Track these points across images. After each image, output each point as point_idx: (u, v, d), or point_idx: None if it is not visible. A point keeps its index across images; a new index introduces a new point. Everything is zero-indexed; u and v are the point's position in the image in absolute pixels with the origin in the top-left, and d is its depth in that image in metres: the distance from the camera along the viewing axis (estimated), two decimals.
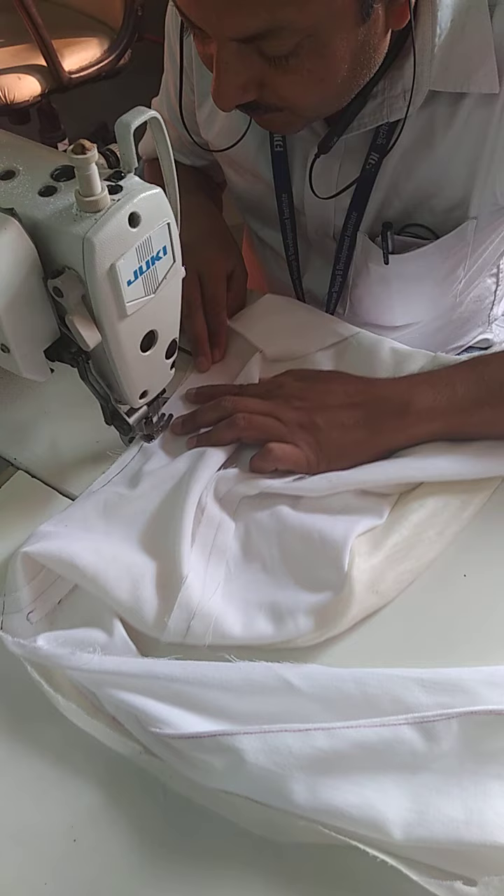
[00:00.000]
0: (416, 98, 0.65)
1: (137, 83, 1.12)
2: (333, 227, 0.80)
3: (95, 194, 0.44)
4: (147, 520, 0.58)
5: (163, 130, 0.47)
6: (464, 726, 0.44)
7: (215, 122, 0.79)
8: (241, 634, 0.51)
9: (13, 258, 0.45)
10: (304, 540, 0.55)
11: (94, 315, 0.48)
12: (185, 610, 0.51)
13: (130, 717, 0.47)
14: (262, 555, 0.56)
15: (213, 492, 0.59)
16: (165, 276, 0.50)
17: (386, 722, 0.45)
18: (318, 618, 0.51)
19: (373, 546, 0.55)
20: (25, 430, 0.68)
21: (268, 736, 0.44)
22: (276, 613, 0.52)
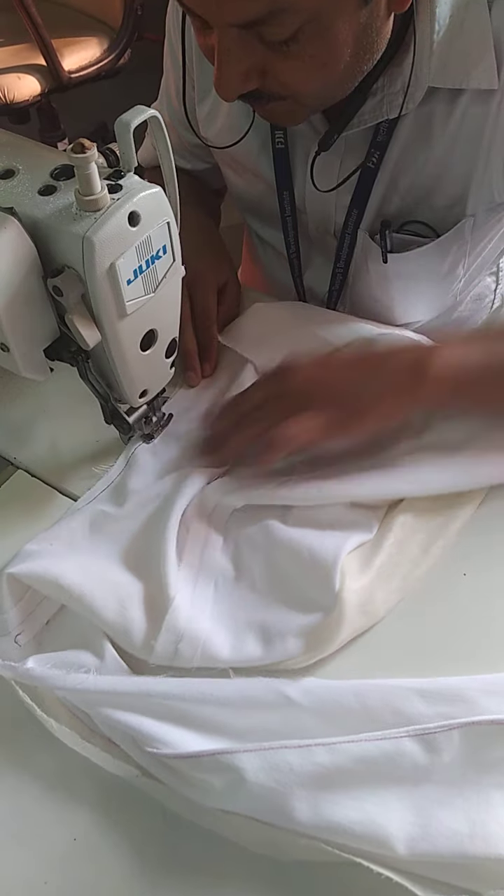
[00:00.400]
0: (415, 94, 0.65)
1: (137, 82, 1.12)
2: (334, 224, 0.80)
3: (95, 193, 0.44)
4: (132, 539, 0.57)
5: (162, 129, 0.47)
6: (465, 737, 0.44)
7: (216, 119, 0.79)
8: (230, 657, 0.50)
9: (13, 257, 0.45)
10: (294, 557, 0.54)
11: (94, 314, 0.48)
12: (173, 633, 0.50)
13: (127, 738, 0.47)
14: (251, 572, 0.55)
15: (199, 507, 0.58)
16: (165, 275, 0.50)
17: (387, 735, 0.44)
18: (309, 640, 0.50)
19: (363, 564, 0.54)
20: (25, 430, 0.68)
21: (268, 753, 0.44)
22: (266, 635, 0.51)
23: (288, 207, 0.81)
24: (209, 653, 0.50)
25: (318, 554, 0.53)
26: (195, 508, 0.58)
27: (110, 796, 0.47)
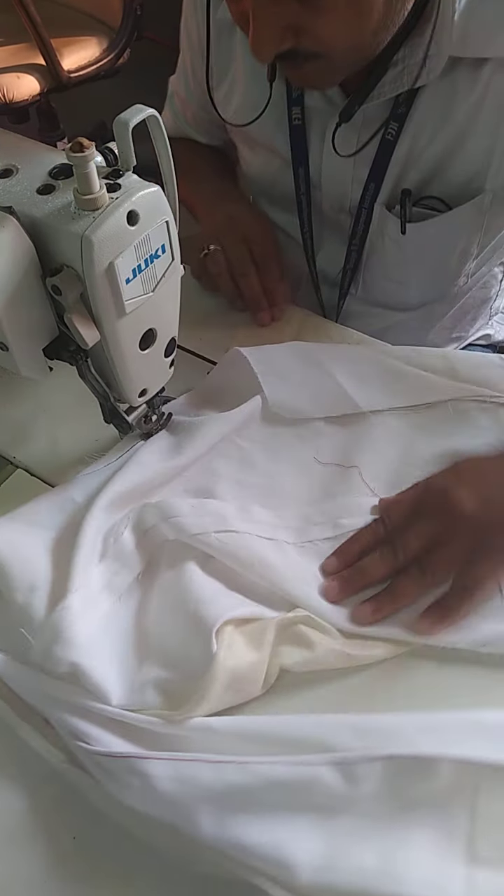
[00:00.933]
0: (436, 63, 0.65)
1: (136, 82, 1.13)
2: (350, 199, 0.80)
3: (94, 192, 0.44)
4: (72, 531, 0.56)
5: (161, 129, 0.47)
6: (387, 769, 0.42)
7: (233, 99, 0.80)
8: (94, 681, 0.47)
9: (11, 256, 0.45)
10: (180, 607, 0.51)
11: (93, 313, 0.48)
12: (52, 630, 0.49)
13: (60, 724, 0.47)
14: (148, 608, 0.53)
15: (136, 523, 0.56)
16: (164, 274, 0.50)
17: (303, 761, 0.43)
18: (168, 697, 0.48)
19: (251, 641, 0.50)
20: (24, 429, 0.68)
21: (179, 764, 0.43)
22: (130, 680, 0.49)
23: (303, 185, 0.82)
24: (78, 663, 0.47)
25: (202, 612, 0.49)
26: (133, 523, 0.56)
27: (110, 795, 0.47)
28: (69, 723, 0.46)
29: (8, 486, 0.64)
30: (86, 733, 0.46)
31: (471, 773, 0.42)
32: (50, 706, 0.48)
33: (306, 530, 0.57)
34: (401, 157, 0.73)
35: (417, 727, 0.44)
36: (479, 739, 0.43)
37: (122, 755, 0.44)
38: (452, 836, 0.42)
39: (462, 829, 0.42)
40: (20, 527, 0.56)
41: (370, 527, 0.56)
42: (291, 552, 0.55)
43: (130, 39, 1.78)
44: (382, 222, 0.79)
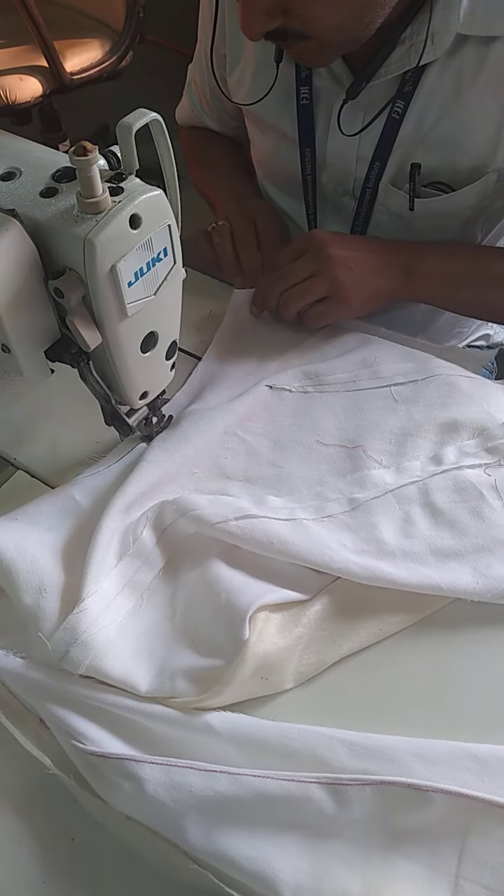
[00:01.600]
0: (442, 40, 0.66)
1: (139, 84, 1.13)
2: (354, 180, 0.81)
3: (96, 196, 0.44)
4: (80, 532, 0.56)
5: (164, 133, 0.47)
6: (379, 796, 0.42)
7: (244, 83, 0.82)
8: (117, 676, 0.48)
9: (14, 259, 0.45)
10: (212, 598, 0.52)
11: (95, 316, 0.48)
12: (70, 633, 0.49)
13: (55, 724, 0.47)
14: (175, 604, 0.54)
15: (154, 521, 0.56)
16: (166, 277, 0.50)
17: (296, 777, 0.43)
18: (198, 684, 0.48)
19: (283, 627, 0.51)
20: (25, 431, 0.68)
21: (172, 770, 0.43)
22: (159, 669, 0.49)
23: (309, 166, 0.83)
24: (96, 665, 0.48)
25: (234, 600, 0.50)
26: (153, 521, 0.56)
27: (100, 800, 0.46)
28: (65, 721, 0.46)
29: (8, 487, 0.64)
30: (81, 732, 0.46)
31: (463, 809, 0.42)
32: (47, 703, 0.48)
33: (323, 507, 0.58)
34: (407, 135, 0.74)
35: (413, 753, 0.44)
36: (473, 774, 0.43)
37: (116, 756, 0.44)
38: (439, 873, 0.41)
39: (449, 867, 0.41)
40: (22, 528, 0.56)
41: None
42: (312, 527, 0.56)
43: (133, 42, 1.79)
44: (388, 200, 0.79)
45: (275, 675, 0.49)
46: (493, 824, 0.42)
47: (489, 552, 0.54)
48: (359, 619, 0.52)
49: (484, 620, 0.53)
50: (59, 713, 0.47)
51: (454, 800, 0.42)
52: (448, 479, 0.59)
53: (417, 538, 0.56)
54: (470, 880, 0.41)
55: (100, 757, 0.45)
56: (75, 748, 0.45)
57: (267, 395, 0.68)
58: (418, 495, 0.58)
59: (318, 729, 0.46)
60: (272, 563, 0.54)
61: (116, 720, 0.47)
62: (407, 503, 0.58)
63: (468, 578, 0.53)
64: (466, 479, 0.59)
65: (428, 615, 0.53)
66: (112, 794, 0.44)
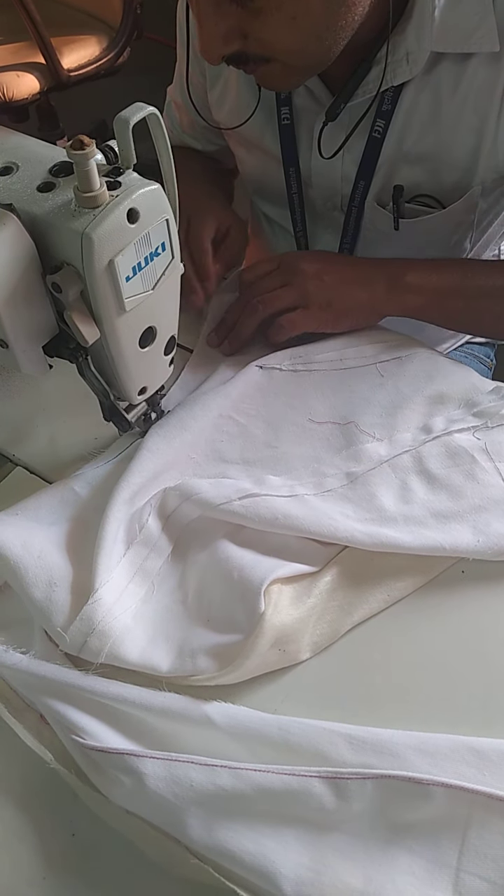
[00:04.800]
0: (417, 59, 0.66)
1: (136, 81, 1.13)
2: (341, 197, 0.80)
3: (94, 190, 0.44)
4: (84, 524, 0.57)
5: (161, 127, 0.47)
6: (379, 790, 0.42)
7: (225, 102, 0.81)
8: (137, 661, 0.49)
9: (12, 254, 0.45)
10: (224, 576, 0.53)
11: (93, 311, 0.48)
12: (87, 624, 0.49)
13: (56, 720, 0.47)
14: (186, 586, 0.54)
15: (159, 508, 0.57)
16: (164, 272, 0.50)
17: (296, 772, 0.43)
18: (220, 661, 0.49)
19: (296, 598, 0.52)
20: (24, 426, 0.68)
21: (173, 764, 0.44)
22: (178, 649, 0.50)
23: (294, 184, 0.82)
24: (116, 652, 0.49)
25: (247, 576, 0.51)
26: (157, 508, 0.57)
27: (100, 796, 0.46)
28: (65, 716, 0.46)
29: (7, 483, 0.64)
30: (81, 727, 0.46)
31: (464, 802, 0.42)
32: (47, 699, 0.48)
33: (322, 483, 0.59)
34: (389, 154, 0.74)
35: (413, 747, 0.44)
36: (474, 768, 0.43)
37: (116, 751, 0.44)
38: (440, 867, 0.41)
39: (450, 860, 0.41)
40: (26, 523, 0.56)
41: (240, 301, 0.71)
42: (314, 501, 0.57)
43: (130, 38, 1.78)
44: (374, 218, 0.79)
45: (291, 645, 0.50)
46: (493, 817, 0.42)
47: (486, 511, 0.56)
48: (367, 586, 0.54)
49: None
50: (59, 708, 0.47)
51: (455, 793, 0.42)
52: (440, 445, 0.61)
53: (416, 503, 0.57)
54: (471, 873, 0.41)
55: (100, 752, 0.45)
56: (75, 743, 0.45)
57: (257, 375, 0.69)
58: (413, 464, 0.60)
59: (318, 723, 0.46)
60: (278, 539, 0.55)
61: (116, 715, 0.47)
62: (403, 472, 0.60)
63: (469, 537, 0.54)
64: (458, 444, 0.61)
65: (432, 579, 0.55)
66: (112, 789, 0.44)
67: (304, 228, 0.87)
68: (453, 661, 0.51)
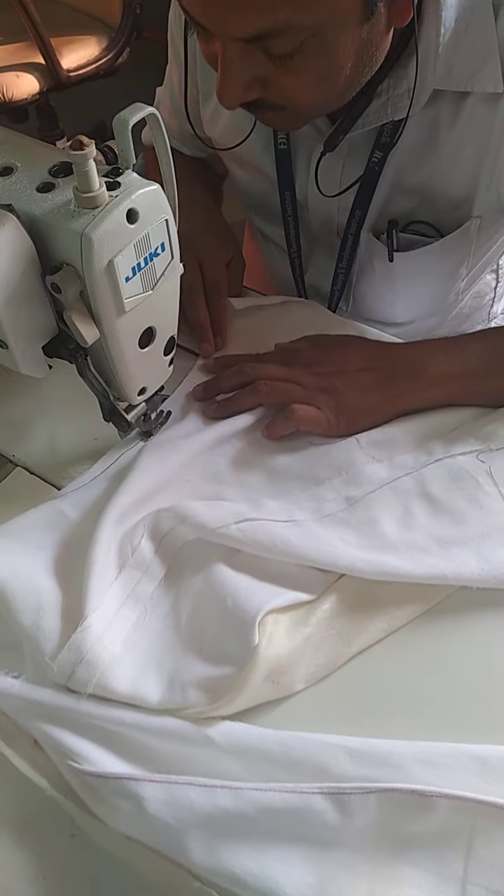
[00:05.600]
0: (420, 96, 0.65)
1: (136, 81, 1.12)
2: (337, 224, 0.80)
3: (93, 190, 0.44)
4: (71, 547, 0.55)
5: (161, 127, 0.47)
6: (382, 804, 0.42)
7: (220, 118, 0.80)
8: (126, 692, 0.47)
9: (11, 254, 0.45)
10: (218, 604, 0.51)
11: (93, 311, 0.48)
12: (75, 653, 0.48)
13: (51, 745, 0.46)
14: (180, 612, 0.53)
15: (152, 530, 0.55)
16: (164, 272, 0.50)
17: (297, 789, 0.42)
18: (211, 695, 0.47)
19: (292, 628, 0.50)
20: (23, 427, 0.68)
21: (172, 787, 0.43)
22: (169, 680, 0.48)
23: (290, 207, 0.82)
24: (104, 683, 0.47)
25: (242, 605, 0.50)
26: (150, 530, 0.55)
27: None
28: (60, 740, 0.45)
29: (7, 484, 0.64)
30: (77, 752, 0.45)
31: (468, 812, 0.41)
32: (40, 723, 0.46)
33: (321, 508, 0.58)
34: (386, 185, 0.73)
35: (415, 757, 0.44)
36: (476, 776, 0.43)
37: (114, 776, 0.43)
38: (446, 879, 0.41)
39: (456, 872, 0.41)
40: (13, 546, 0.55)
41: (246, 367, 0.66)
42: (313, 527, 0.56)
43: (130, 39, 1.78)
44: (370, 248, 0.79)
45: (286, 677, 0.49)
46: (498, 827, 0.41)
47: (490, 538, 0.55)
48: (367, 615, 0.52)
49: (489, 608, 0.53)
50: (54, 733, 0.46)
51: (458, 804, 0.41)
52: (443, 468, 0.59)
53: (418, 529, 0.56)
54: (477, 885, 0.40)
55: (97, 777, 0.44)
56: (71, 769, 0.44)
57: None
58: (415, 487, 0.58)
59: (319, 737, 0.45)
60: (276, 564, 0.54)
61: (113, 737, 0.46)
62: (404, 496, 0.58)
63: (473, 564, 0.53)
64: (461, 466, 0.59)
65: (433, 606, 0.53)
66: (111, 815, 0.43)
67: (298, 250, 0.86)
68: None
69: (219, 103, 0.77)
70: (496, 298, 0.95)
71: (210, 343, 0.72)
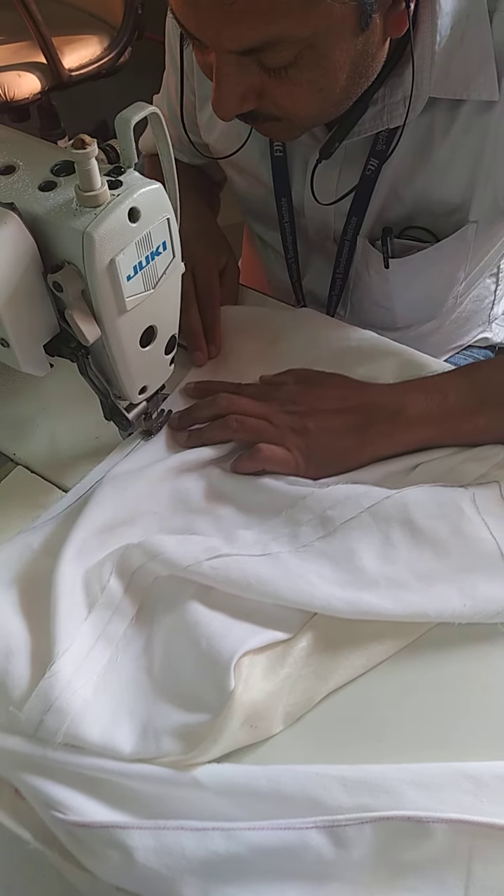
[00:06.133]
0: (416, 105, 0.65)
1: (137, 81, 1.12)
2: (333, 231, 0.80)
3: (95, 189, 0.44)
4: (42, 584, 0.53)
5: (163, 126, 0.47)
6: (378, 833, 0.41)
7: (217, 125, 0.80)
8: (97, 741, 0.45)
9: (13, 253, 0.45)
10: (192, 646, 0.49)
11: (94, 310, 0.48)
12: (43, 700, 0.46)
13: (33, 795, 0.44)
14: (153, 652, 0.51)
15: (120, 566, 0.53)
16: (165, 271, 0.51)
17: (291, 825, 0.41)
18: (186, 742, 0.45)
19: (269, 669, 0.49)
20: (25, 426, 0.68)
21: (162, 833, 0.41)
22: (142, 728, 0.46)
23: (286, 214, 0.82)
24: (74, 732, 0.45)
25: (216, 647, 0.48)
26: (118, 567, 0.53)
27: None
28: (42, 789, 0.44)
29: (7, 483, 0.64)
30: (60, 801, 0.43)
31: (465, 835, 0.41)
32: (21, 772, 0.45)
33: (297, 535, 0.55)
34: (382, 192, 0.73)
35: (408, 780, 0.43)
36: (471, 795, 0.42)
37: (100, 825, 0.42)
38: None
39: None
40: None
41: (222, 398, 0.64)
42: (289, 560, 0.53)
43: (131, 38, 1.78)
44: (366, 255, 0.79)
45: (263, 721, 0.47)
46: (497, 849, 0.41)
47: (474, 571, 0.53)
48: (344, 651, 0.50)
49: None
50: (36, 782, 0.44)
51: (455, 827, 0.41)
52: (425, 491, 0.56)
53: (399, 562, 0.53)
54: None
55: (83, 827, 0.42)
56: (56, 819, 0.42)
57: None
58: (396, 512, 0.55)
59: (308, 768, 0.44)
60: (251, 601, 0.51)
61: (97, 784, 0.44)
62: (385, 523, 0.55)
63: (455, 601, 0.51)
64: (444, 493, 0.56)
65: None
66: (99, 866, 0.42)
67: (295, 255, 0.86)
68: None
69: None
70: (496, 301, 0.95)
71: (203, 351, 0.71)
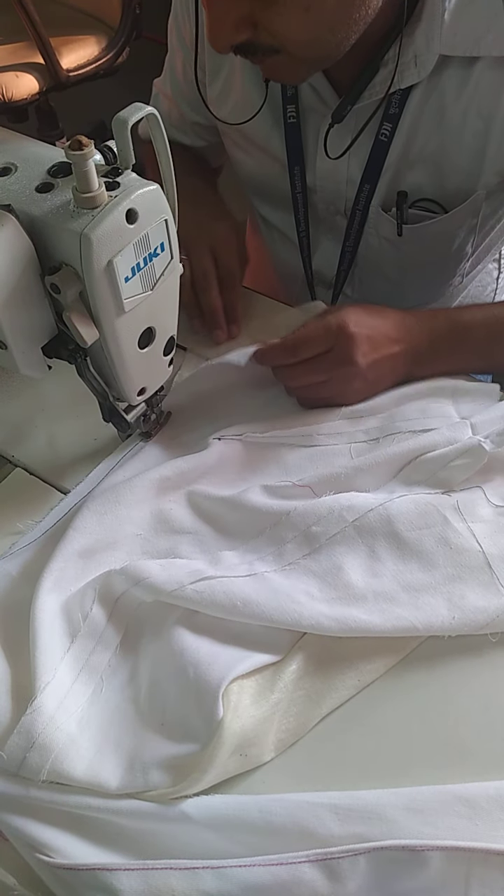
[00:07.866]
0: (426, 62, 0.65)
1: (135, 81, 1.12)
2: (345, 201, 0.80)
3: (93, 190, 0.44)
4: (22, 614, 0.51)
5: (160, 127, 0.47)
6: (373, 864, 0.40)
7: (229, 97, 0.80)
8: (83, 777, 0.44)
9: (10, 255, 0.45)
10: (179, 674, 0.47)
11: (92, 312, 0.48)
12: (25, 738, 0.44)
13: (17, 838, 0.43)
14: (139, 682, 0.49)
15: (103, 594, 0.52)
16: (163, 272, 0.50)
17: (283, 860, 0.39)
18: (175, 774, 0.44)
19: (258, 695, 0.47)
20: (23, 428, 0.68)
21: (150, 874, 0.40)
22: (129, 762, 0.45)
23: (299, 184, 0.82)
24: (59, 767, 0.44)
25: (203, 674, 0.46)
26: (100, 595, 0.52)
27: None
28: (26, 831, 0.42)
29: (6, 484, 0.64)
30: (45, 842, 0.42)
31: (461, 861, 0.40)
32: (4, 814, 0.44)
33: (282, 553, 0.54)
34: (395, 157, 0.74)
35: (402, 806, 0.42)
36: (466, 819, 0.41)
37: (86, 867, 0.40)
38: None
39: None
40: None
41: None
42: (275, 579, 0.52)
43: (129, 39, 1.78)
44: (378, 223, 0.79)
45: (254, 749, 0.46)
46: (493, 873, 0.40)
47: (460, 581, 0.52)
48: (335, 672, 0.50)
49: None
50: (19, 823, 0.43)
51: (451, 854, 0.40)
52: (408, 503, 0.55)
53: (386, 576, 0.53)
54: None
55: (69, 870, 0.41)
56: (40, 862, 0.41)
57: (215, 445, 0.63)
58: (380, 525, 0.54)
59: (299, 797, 0.43)
60: (238, 623, 0.50)
61: (83, 822, 0.43)
62: (370, 536, 0.54)
63: (444, 613, 0.50)
64: (427, 501, 0.55)
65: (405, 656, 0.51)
66: None
67: (307, 228, 0.86)
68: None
69: (226, 82, 0.78)
70: (498, 289, 0.96)
71: (223, 329, 0.73)
